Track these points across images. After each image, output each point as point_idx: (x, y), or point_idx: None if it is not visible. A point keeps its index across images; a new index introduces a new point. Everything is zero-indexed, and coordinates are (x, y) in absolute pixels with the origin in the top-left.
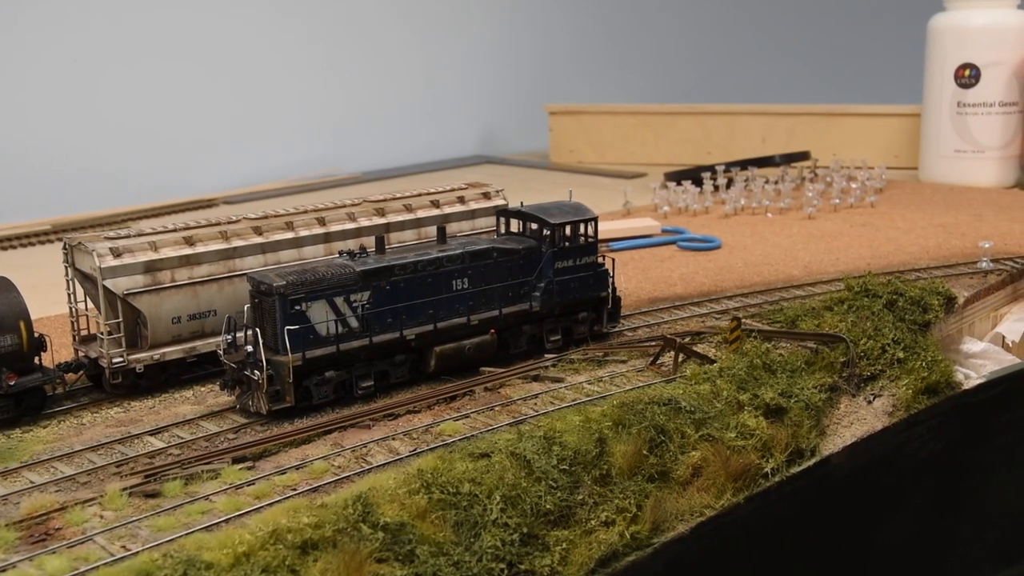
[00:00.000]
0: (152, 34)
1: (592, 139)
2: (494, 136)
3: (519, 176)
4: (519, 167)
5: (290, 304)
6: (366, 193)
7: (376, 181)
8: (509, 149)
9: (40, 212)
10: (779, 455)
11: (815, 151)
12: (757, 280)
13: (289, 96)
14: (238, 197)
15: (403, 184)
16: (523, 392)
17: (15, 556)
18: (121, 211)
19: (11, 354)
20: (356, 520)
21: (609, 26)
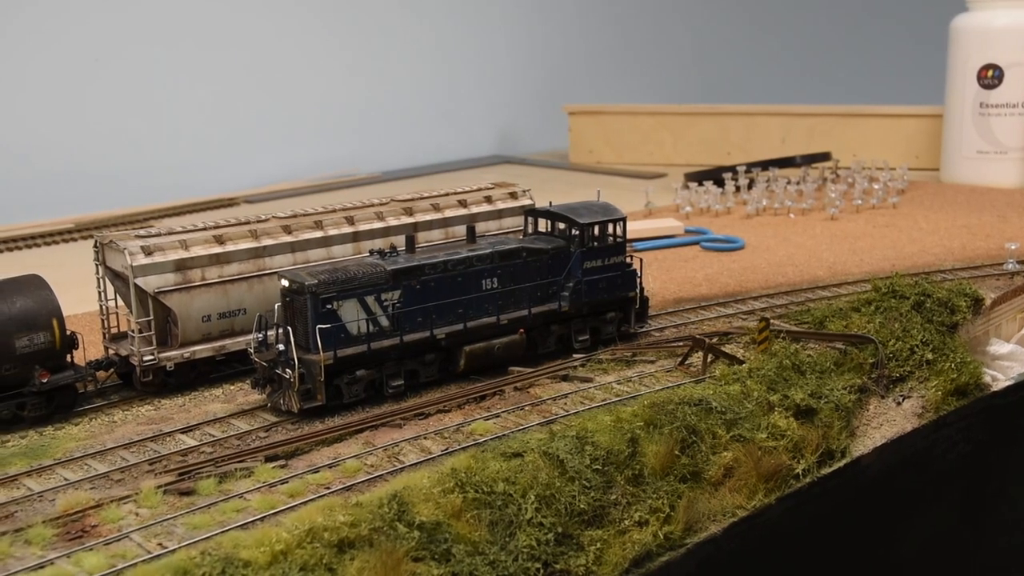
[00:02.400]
0: (175, 34)
1: (611, 139)
2: (513, 136)
3: (538, 176)
4: (538, 167)
5: (322, 303)
6: (386, 193)
7: (395, 181)
8: (528, 149)
9: (63, 210)
10: (810, 456)
11: (835, 152)
12: (782, 281)
13: (309, 96)
14: (259, 196)
15: (423, 184)
16: (553, 392)
17: (53, 553)
18: (143, 210)
19: (44, 352)
20: (392, 519)
21: (628, 26)
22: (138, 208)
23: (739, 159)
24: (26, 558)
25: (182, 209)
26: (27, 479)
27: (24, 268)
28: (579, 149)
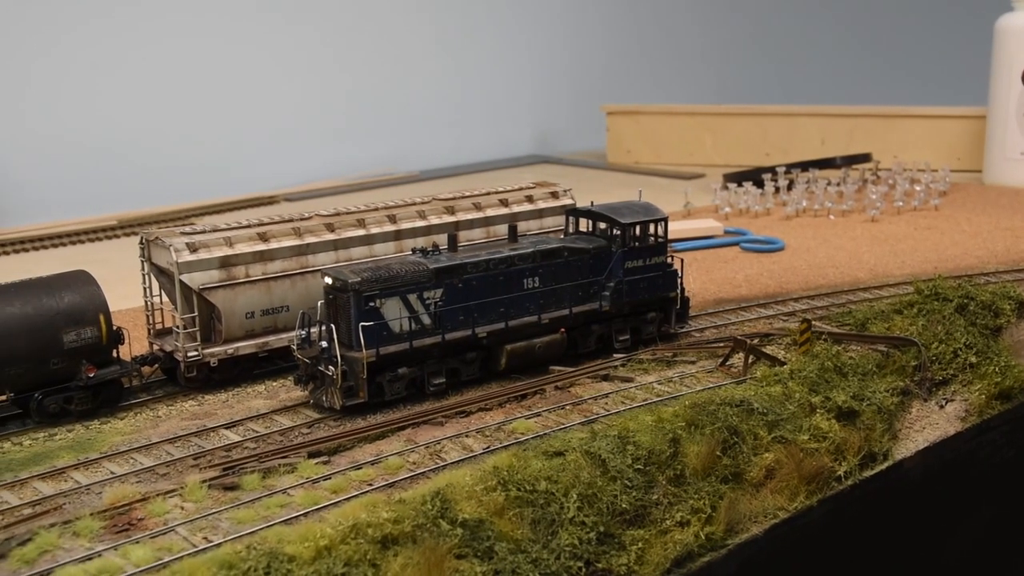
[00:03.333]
0: (218, 34)
1: (649, 139)
2: (550, 136)
3: (575, 176)
4: (575, 167)
5: (365, 301)
6: (424, 192)
7: (433, 180)
8: (565, 149)
9: (106, 207)
10: (852, 458)
11: (876, 153)
12: (822, 282)
13: (349, 96)
14: (298, 194)
15: (460, 183)
16: (593, 391)
17: (100, 545)
18: (185, 207)
19: (91, 347)
20: (435, 516)
21: (666, 26)
22: (180, 205)
23: (778, 160)
24: (74, 550)
25: (223, 207)
26: (74, 472)
27: (69, 264)
28: (617, 149)
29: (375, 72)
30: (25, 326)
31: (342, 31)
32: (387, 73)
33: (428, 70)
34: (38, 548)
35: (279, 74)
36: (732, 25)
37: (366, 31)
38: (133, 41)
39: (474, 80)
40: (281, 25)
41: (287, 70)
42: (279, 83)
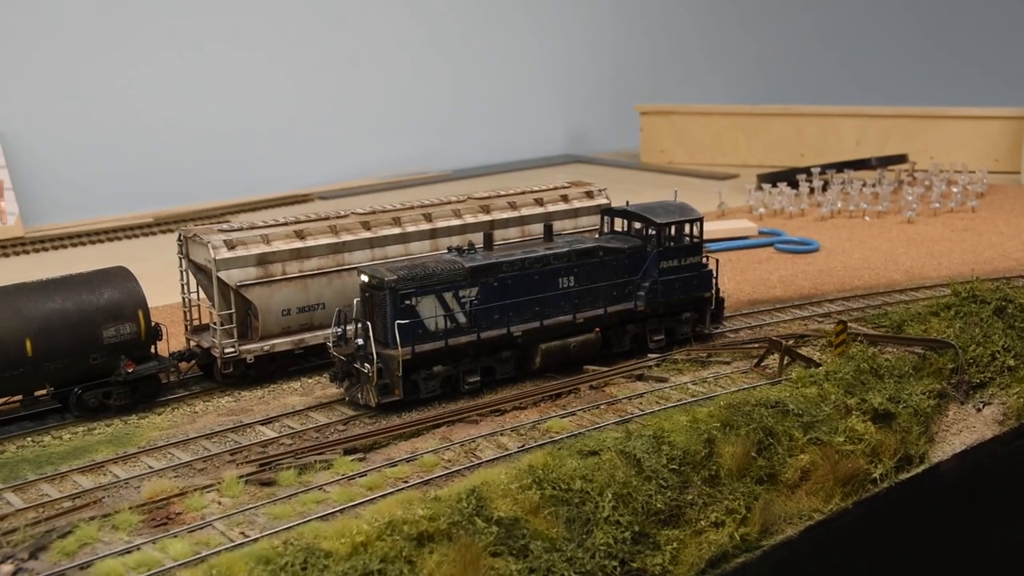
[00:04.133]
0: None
1: (683, 139)
2: (583, 135)
3: (609, 175)
4: (608, 166)
5: (400, 299)
6: (457, 191)
7: (466, 179)
8: (598, 148)
9: (143, 205)
10: (888, 461)
11: (912, 154)
12: (858, 284)
13: (383, 95)
14: (332, 192)
15: (494, 182)
16: (628, 391)
17: (139, 538)
18: (220, 205)
19: (129, 342)
20: (470, 514)
21: (701, 26)
22: (216, 203)
23: (813, 160)
24: (113, 543)
25: (257, 205)
26: (113, 466)
27: (106, 261)
28: (650, 149)
29: (410, 70)
30: (66, 321)
31: (378, 30)
32: (421, 72)
33: (462, 69)
34: (78, 541)
35: (314, 73)
36: (767, 25)
37: (401, 29)
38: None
39: (508, 79)
40: (317, 25)
41: (322, 69)
42: (314, 82)
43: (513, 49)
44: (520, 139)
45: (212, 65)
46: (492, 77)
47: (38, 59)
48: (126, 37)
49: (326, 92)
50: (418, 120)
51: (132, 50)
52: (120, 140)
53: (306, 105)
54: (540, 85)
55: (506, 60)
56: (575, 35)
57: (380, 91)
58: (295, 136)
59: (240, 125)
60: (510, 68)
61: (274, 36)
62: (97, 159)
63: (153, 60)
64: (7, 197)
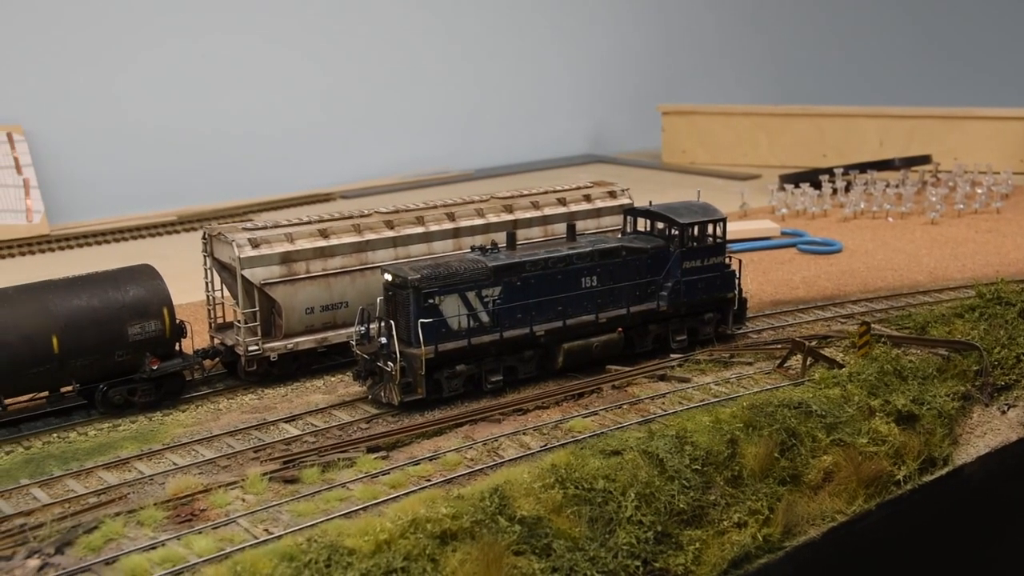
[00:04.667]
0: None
1: (704, 140)
2: (605, 135)
3: (630, 176)
4: (630, 166)
5: (424, 297)
6: (479, 190)
7: (488, 179)
8: (619, 148)
9: (166, 203)
10: (911, 463)
11: (936, 155)
12: (881, 285)
13: (404, 95)
14: (354, 192)
15: (516, 182)
16: (650, 391)
17: (164, 534)
18: (242, 203)
19: (154, 340)
20: (493, 512)
21: (722, 26)
22: (238, 202)
23: (835, 161)
24: (139, 539)
25: (280, 203)
26: (138, 462)
27: (130, 259)
28: (672, 149)
29: (432, 71)
30: (92, 318)
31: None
32: (444, 72)
33: (484, 69)
34: (104, 536)
35: (337, 74)
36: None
37: (424, 30)
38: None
39: (530, 79)
40: (337, 25)
41: (345, 69)
42: (337, 82)
43: (535, 49)
44: (541, 139)
45: (237, 66)
46: (514, 77)
47: (65, 59)
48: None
49: (349, 92)
50: (440, 120)
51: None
52: (144, 139)
53: (329, 105)
54: (562, 85)
55: (528, 60)
56: (597, 35)
57: (402, 91)
58: (317, 136)
59: (263, 125)
60: (532, 68)
61: (298, 37)
62: (121, 158)
63: (179, 60)
64: (33, 195)
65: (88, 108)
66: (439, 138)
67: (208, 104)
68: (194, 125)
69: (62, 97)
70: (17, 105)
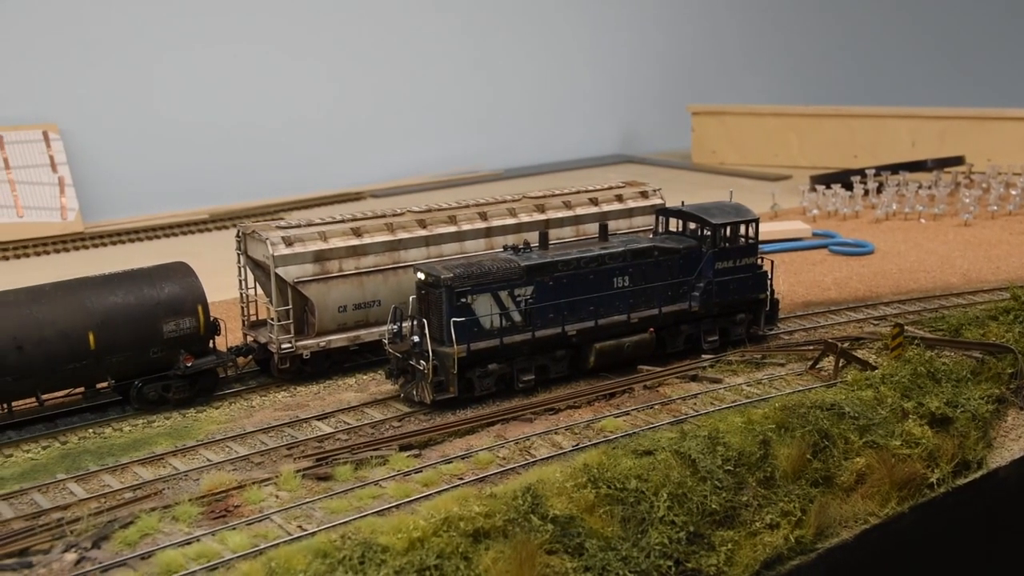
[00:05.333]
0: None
1: (735, 140)
2: (635, 135)
3: (660, 176)
4: (660, 167)
5: (456, 296)
6: (509, 189)
7: (518, 178)
8: (649, 148)
9: (198, 202)
10: (945, 465)
11: (969, 156)
12: (914, 287)
13: (434, 93)
14: (384, 191)
15: (546, 182)
16: (682, 391)
17: (199, 530)
18: (273, 202)
19: (189, 337)
20: (526, 511)
21: (753, 26)
22: (269, 200)
23: (866, 162)
24: (174, 534)
25: (311, 202)
26: (173, 458)
27: (163, 256)
28: (702, 149)
29: (462, 70)
30: (127, 315)
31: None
32: (474, 71)
33: (515, 69)
34: (139, 531)
35: (368, 73)
36: (820, 25)
37: (452, 30)
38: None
39: (560, 79)
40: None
41: (376, 69)
42: (368, 82)
43: (566, 49)
44: (571, 139)
45: (268, 65)
46: (544, 77)
47: (99, 59)
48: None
49: (380, 92)
50: (470, 120)
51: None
52: (177, 138)
53: (360, 104)
54: (592, 85)
55: (559, 60)
56: (627, 35)
57: (432, 90)
58: (348, 135)
59: (295, 124)
60: (563, 68)
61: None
62: (155, 157)
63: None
64: (68, 193)
65: (122, 107)
66: (469, 138)
67: (240, 104)
68: (226, 124)
69: (97, 96)
70: (52, 104)
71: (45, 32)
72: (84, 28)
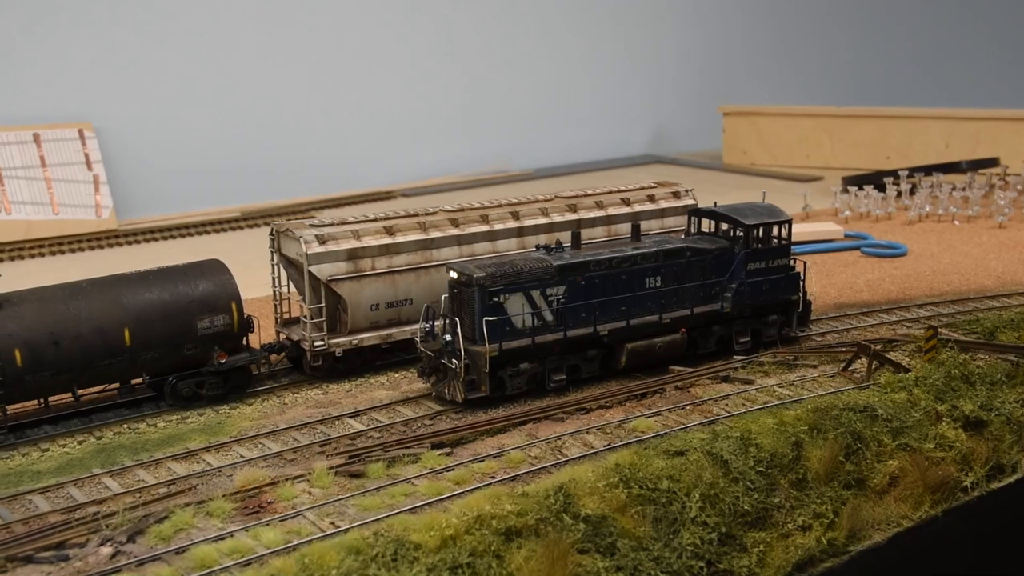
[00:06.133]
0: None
1: (765, 141)
2: (665, 136)
3: (691, 176)
4: (690, 167)
5: (489, 295)
6: (539, 189)
7: (548, 178)
8: (680, 149)
9: (229, 200)
10: (979, 469)
11: (1004, 157)
12: (947, 289)
13: (463, 94)
14: (414, 190)
15: (576, 182)
16: (714, 392)
17: (232, 526)
18: (304, 200)
19: (223, 334)
20: (558, 510)
21: (785, 26)
22: (300, 199)
23: (899, 163)
24: (208, 529)
25: (341, 201)
26: (206, 454)
27: (196, 253)
28: (733, 150)
29: (491, 70)
30: (162, 312)
31: (459, 30)
32: (505, 71)
33: (546, 69)
34: (174, 526)
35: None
36: (852, 25)
37: (486, 30)
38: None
39: (590, 79)
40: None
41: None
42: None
43: (597, 49)
44: (601, 139)
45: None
46: (575, 77)
47: (134, 58)
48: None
49: (410, 91)
50: (500, 119)
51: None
52: (209, 137)
53: (391, 104)
54: (622, 85)
55: (589, 60)
56: (659, 35)
57: (463, 90)
58: (379, 134)
59: (326, 123)
60: (593, 68)
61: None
62: (187, 155)
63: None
64: (102, 191)
65: (156, 106)
66: (499, 137)
67: (272, 103)
68: (258, 123)
69: (131, 95)
70: (88, 103)
71: (81, 32)
72: (119, 28)
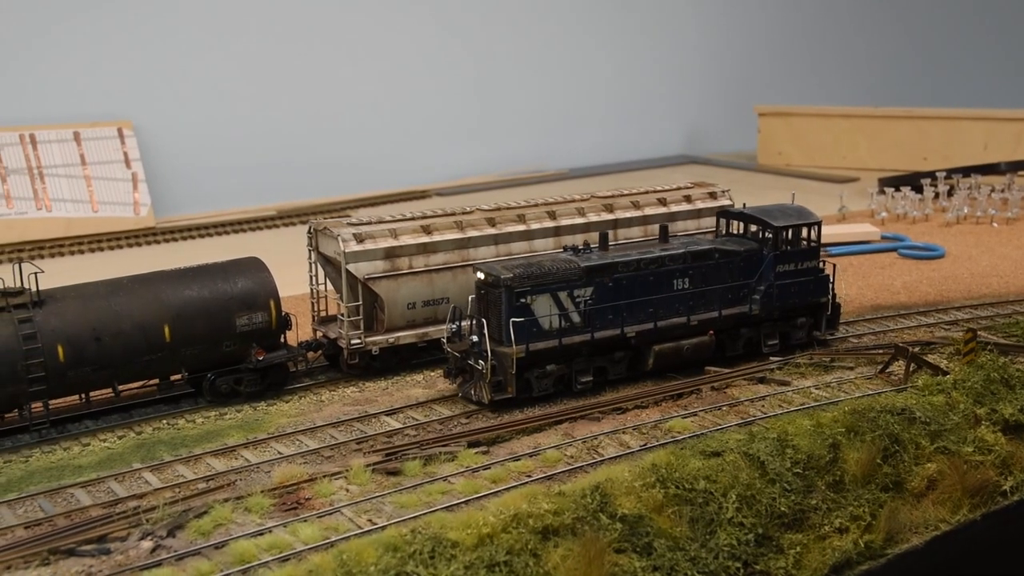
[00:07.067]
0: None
1: (801, 141)
2: (700, 136)
3: (725, 177)
4: (724, 168)
5: (516, 296)
6: (573, 189)
7: (582, 178)
8: (714, 149)
9: (265, 198)
10: (1019, 473)
11: None
12: (985, 292)
13: (499, 93)
14: (449, 189)
15: (610, 182)
16: (750, 393)
17: (270, 521)
18: (339, 199)
19: (261, 331)
20: (595, 509)
21: (819, 26)
22: (335, 197)
23: (936, 165)
24: (246, 525)
25: (376, 200)
26: (244, 451)
27: (233, 251)
28: (767, 150)
29: (526, 69)
30: (202, 309)
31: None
32: (538, 71)
33: (581, 69)
34: (213, 521)
35: (430, 71)
36: (889, 25)
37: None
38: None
39: (626, 79)
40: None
41: (438, 67)
42: (430, 80)
43: (632, 48)
44: (636, 139)
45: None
46: (610, 77)
47: (173, 57)
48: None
49: (446, 91)
50: (535, 119)
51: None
52: (246, 135)
53: (426, 103)
54: (658, 85)
55: (624, 60)
56: (694, 35)
57: (498, 89)
58: (415, 133)
59: (362, 123)
60: (628, 68)
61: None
62: (224, 154)
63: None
64: (141, 189)
65: (194, 105)
66: (534, 137)
67: (308, 103)
68: (295, 122)
69: (170, 94)
70: (127, 101)
71: (120, 32)
72: (158, 29)
